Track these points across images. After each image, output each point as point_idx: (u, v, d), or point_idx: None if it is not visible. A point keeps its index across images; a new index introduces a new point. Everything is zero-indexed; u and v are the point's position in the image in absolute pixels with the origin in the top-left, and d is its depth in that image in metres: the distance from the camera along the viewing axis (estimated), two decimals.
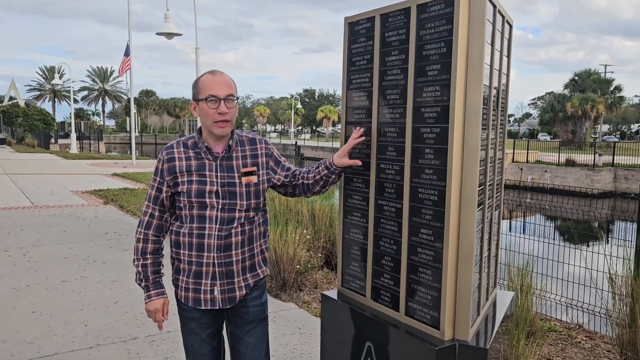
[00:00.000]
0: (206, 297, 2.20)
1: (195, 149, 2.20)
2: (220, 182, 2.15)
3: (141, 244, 2.23)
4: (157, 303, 2.22)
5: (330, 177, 2.30)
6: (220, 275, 2.18)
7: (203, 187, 2.14)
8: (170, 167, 2.18)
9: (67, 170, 18.43)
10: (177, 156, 2.19)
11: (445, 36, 1.89)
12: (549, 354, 4.07)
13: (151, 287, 2.23)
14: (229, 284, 2.20)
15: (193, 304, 2.22)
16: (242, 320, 2.28)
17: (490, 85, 2.02)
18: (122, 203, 10.38)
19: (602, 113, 49.47)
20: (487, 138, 2.03)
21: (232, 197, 2.16)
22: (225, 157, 2.19)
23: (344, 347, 2.35)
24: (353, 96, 2.34)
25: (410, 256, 2.07)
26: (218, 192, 2.15)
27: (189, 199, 2.14)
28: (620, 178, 26.49)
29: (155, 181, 2.23)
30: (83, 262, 6.15)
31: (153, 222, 2.23)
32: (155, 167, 2.25)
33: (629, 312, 3.50)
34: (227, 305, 2.23)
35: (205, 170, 2.16)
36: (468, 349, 1.91)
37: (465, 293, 1.94)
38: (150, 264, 2.23)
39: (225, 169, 2.18)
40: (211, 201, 2.14)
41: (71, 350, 3.74)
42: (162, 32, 13.75)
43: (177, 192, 2.18)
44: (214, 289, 2.19)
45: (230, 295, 2.22)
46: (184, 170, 2.16)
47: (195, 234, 2.15)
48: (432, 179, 1.96)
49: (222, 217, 2.15)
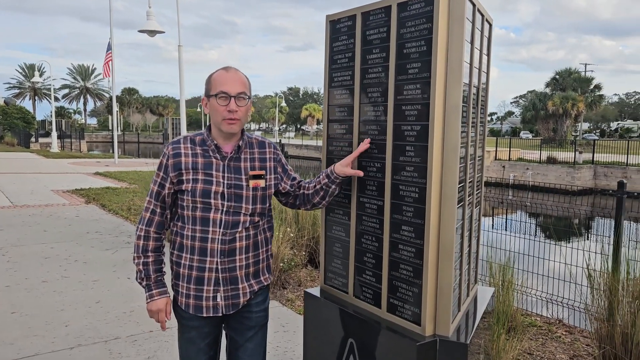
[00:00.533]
0: (208, 304, 2.12)
1: (202, 146, 2.12)
2: (226, 184, 2.08)
3: (142, 241, 2.14)
4: (159, 303, 2.13)
5: (331, 187, 2.22)
6: (223, 281, 2.11)
7: (209, 187, 2.06)
8: (175, 162, 2.09)
9: (48, 170, 18.16)
10: (183, 152, 2.10)
11: (425, 34, 1.90)
12: (529, 349, 4.13)
13: (153, 286, 2.14)
14: (233, 290, 2.13)
15: (194, 311, 2.13)
16: (244, 327, 2.22)
17: (470, 83, 2.04)
18: (104, 202, 10.26)
19: (582, 111, 50.23)
20: (467, 136, 2.05)
21: (237, 200, 2.08)
22: (234, 158, 2.11)
23: (327, 344, 2.36)
24: (335, 94, 2.35)
25: (392, 253, 2.09)
26: (224, 193, 2.07)
27: (193, 198, 2.06)
28: (600, 175, 26.94)
29: (159, 176, 2.13)
30: (64, 262, 6.08)
31: (155, 218, 2.14)
32: (160, 162, 2.15)
33: (607, 307, 3.56)
34: (231, 311, 2.15)
35: (212, 169, 2.08)
36: (449, 344, 1.94)
37: (446, 289, 1.96)
38: (152, 262, 2.14)
39: (232, 170, 2.10)
40: (216, 203, 2.06)
41: (52, 351, 3.70)
42: (145, 29, 13.61)
43: (181, 190, 2.09)
44: (217, 296, 2.11)
45: (234, 301, 2.14)
46: (189, 167, 2.07)
47: (198, 237, 2.08)
48: (413, 176, 1.98)
49: (227, 221, 2.07)
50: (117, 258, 6.29)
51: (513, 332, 4.36)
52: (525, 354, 4.01)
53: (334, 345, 2.30)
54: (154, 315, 2.15)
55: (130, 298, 4.86)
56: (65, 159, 24.36)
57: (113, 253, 6.52)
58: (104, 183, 13.84)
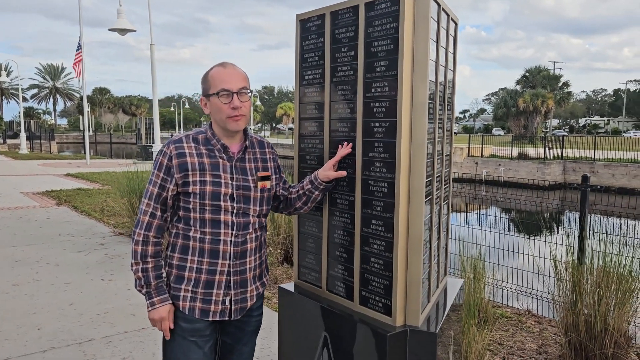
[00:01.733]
0: (217, 308, 2.06)
1: (207, 146, 2.04)
2: (235, 185, 2.03)
3: (141, 247, 2.02)
4: (162, 311, 2.02)
5: (314, 193, 2.20)
6: (235, 284, 2.06)
7: (218, 189, 2.00)
8: (180, 163, 1.99)
9: (17, 171, 17.74)
10: (187, 152, 2.01)
11: (392, 33, 1.95)
12: (499, 339, 4.24)
13: (154, 294, 2.03)
14: (242, 293, 2.10)
15: (200, 315, 2.05)
16: (242, 332, 2.19)
17: (436, 81, 2.11)
18: (76, 204, 10.09)
19: (551, 108, 51.40)
20: (434, 132, 2.12)
21: (246, 202, 2.05)
22: (240, 159, 2.07)
23: (301, 339, 2.40)
24: (306, 92, 2.39)
25: (363, 247, 2.14)
26: (233, 195, 2.02)
27: (201, 201, 1.99)
28: (569, 170, 27.64)
29: (159, 177, 2.01)
30: (35, 264, 5.97)
31: (154, 222, 2.02)
32: (159, 161, 2.03)
33: (571, 296, 3.69)
34: (239, 316, 2.11)
35: (219, 170, 2.02)
36: (418, 333, 1.99)
37: (415, 281, 2.01)
38: (152, 268, 2.02)
39: (239, 171, 2.06)
40: (226, 205, 2.01)
41: (24, 355, 3.65)
42: (115, 27, 13.41)
43: (186, 193, 2.00)
44: (226, 300, 2.06)
45: (242, 305, 2.11)
46: (196, 168, 1.99)
47: (209, 239, 2.01)
48: (382, 172, 2.03)
49: (239, 223, 2.04)
50: (90, 260, 6.21)
51: (484, 323, 4.47)
52: (495, 344, 4.13)
53: (308, 340, 2.34)
54: (157, 323, 2.05)
55: (104, 299, 4.82)
56: (35, 160, 23.81)
57: (86, 255, 6.43)
58: (76, 184, 13.60)
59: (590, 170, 26.64)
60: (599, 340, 3.53)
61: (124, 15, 13.60)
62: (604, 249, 3.78)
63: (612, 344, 3.50)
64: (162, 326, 2.04)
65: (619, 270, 3.53)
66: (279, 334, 2.54)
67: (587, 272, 3.65)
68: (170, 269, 2.08)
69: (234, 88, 1.99)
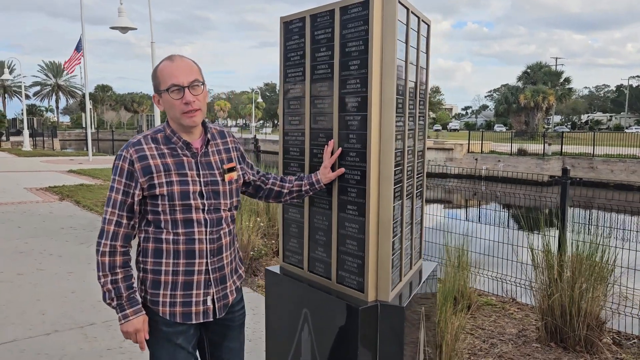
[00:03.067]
0: (198, 309, 2.00)
1: (169, 145, 1.97)
2: (203, 182, 1.97)
3: (108, 258, 1.91)
4: (136, 322, 1.93)
5: (309, 193, 2.33)
6: (215, 281, 2.02)
7: (186, 187, 1.93)
8: (143, 166, 1.90)
9: (20, 168, 17.98)
10: (149, 153, 1.93)
11: (363, 35, 2.15)
12: (482, 324, 4.45)
13: (126, 305, 1.92)
14: (223, 289, 2.06)
15: (181, 319, 1.99)
16: (227, 328, 2.16)
17: (406, 79, 2.30)
18: (79, 199, 10.32)
19: (553, 104, 51.42)
20: (404, 125, 2.31)
21: (216, 197, 2.00)
22: (203, 153, 2.01)
23: (285, 316, 2.60)
24: (289, 88, 2.58)
25: (339, 230, 2.34)
26: (202, 192, 1.96)
27: (171, 202, 1.92)
28: (568, 166, 27.71)
29: (121, 183, 1.92)
30: (39, 256, 6.19)
31: (120, 231, 1.92)
32: (119, 167, 1.94)
33: (547, 282, 3.89)
34: (222, 314, 2.08)
35: (185, 168, 1.95)
36: (388, 307, 2.20)
37: (385, 261, 2.21)
38: (122, 279, 1.92)
39: (205, 166, 2.00)
40: (196, 203, 1.94)
41: (29, 337, 3.87)
42: (116, 26, 13.61)
43: (154, 196, 1.92)
44: (207, 299, 2.01)
45: (224, 302, 2.07)
46: (161, 169, 1.91)
47: (183, 239, 1.94)
48: (355, 161, 2.23)
49: (211, 219, 1.98)
50: (92, 252, 6.40)
51: (467, 309, 4.68)
52: (477, 329, 4.33)
53: (291, 316, 2.54)
54: (131, 336, 1.95)
55: None
56: (38, 157, 24.06)
57: (88, 247, 6.65)
58: (78, 180, 13.83)
59: (589, 166, 26.79)
60: (572, 323, 3.73)
61: (124, 14, 13.81)
62: (579, 238, 3.98)
63: (584, 326, 3.70)
64: (138, 338, 1.96)
65: (591, 257, 3.73)
66: (266, 312, 2.75)
67: (560, 260, 3.85)
68: (144, 274, 2.00)
69: (184, 82, 1.90)
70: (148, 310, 2.01)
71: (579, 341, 3.74)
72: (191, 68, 1.96)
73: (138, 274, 2.03)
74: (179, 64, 1.94)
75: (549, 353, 3.82)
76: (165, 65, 1.95)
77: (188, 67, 1.95)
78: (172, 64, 1.94)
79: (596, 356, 3.72)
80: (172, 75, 1.91)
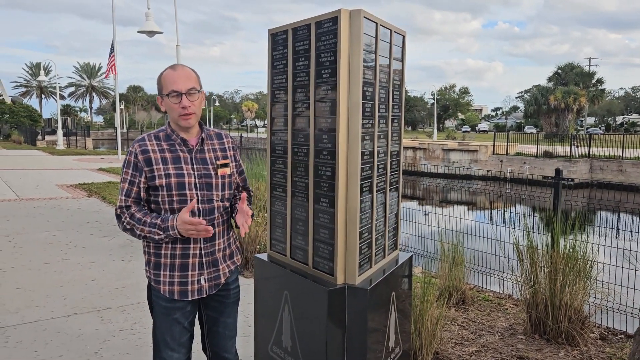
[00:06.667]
0: (193, 288, 2.30)
1: (168, 141, 2.26)
2: (197, 174, 2.25)
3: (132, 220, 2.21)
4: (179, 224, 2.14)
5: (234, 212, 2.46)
6: (207, 264, 2.32)
7: (182, 179, 2.21)
8: (145, 158, 2.21)
9: (53, 166, 18.79)
10: (150, 148, 2.23)
11: (333, 47, 2.41)
12: (474, 318, 4.65)
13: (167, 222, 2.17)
14: (215, 272, 2.36)
15: (179, 296, 2.29)
16: (223, 304, 2.45)
17: (376, 84, 2.56)
18: (105, 195, 10.86)
19: (584, 105, 50.44)
20: (372, 127, 2.57)
21: (209, 188, 2.27)
22: (199, 150, 2.30)
23: (270, 298, 2.89)
24: (275, 94, 2.87)
25: (315, 220, 2.61)
26: (196, 183, 2.24)
27: (169, 192, 2.20)
28: (596, 169, 27.31)
29: (128, 174, 2.23)
30: (65, 247, 6.65)
31: (131, 207, 2.24)
32: (127, 160, 2.25)
33: (532, 276, 4.08)
34: (213, 291, 2.37)
35: (180, 162, 2.23)
36: (354, 289, 2.46)
37: (352, 248, 2.48)
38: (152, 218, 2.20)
39: (199, 161, 2.28)
40: (191, 193, 2.22)
41: (51, 318, 4.26)
42: (143, 30, 14.15)
43: (155, 187, 2.21)
44: (201, 279, 2.30)
45: (216, 282, 2.36)
46: (159, 162, 2.20)
47: None
48: (327, 159, 2.50)
49: (204, 209, 2.26)
50: (114, 244, 6.86)
51: (462, 303, 4.89)
52: (468, 321, 4.54)
53: (275, 298, 2.83)
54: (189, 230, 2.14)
55: (123, 277, 5.42)
56: (71, 155, 25.04)
57: (110, 240, 7.08)
58: (106, 178, 14.45)
59: (618, 168, 26.33)
60: (555, 315, 3.91)
61: (152, 18, 14.34)
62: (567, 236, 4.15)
63: (565, 319, 3.88)
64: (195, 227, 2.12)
65: (573, 253, 3.90)
66: (254, 295, 3.04)
67: (545, 256, 4.03)
68: (149, 257, 2.34)
69: (182, 89, 2.20)
70: (152, 289, 2.35)
71: (560, 333, 3.91)
72: (190, 77, 2.26)
73: (145, 257, 2.37)
74: (180, 73, 2.24)
75: (531, 344, 4.00)
76: (168, 73, 2.26)
77: (187, 75, 2.25)
78: (174, 73, 2.25)
79: (577, 348, 3.89)
80: (173, 82, 2.21)
